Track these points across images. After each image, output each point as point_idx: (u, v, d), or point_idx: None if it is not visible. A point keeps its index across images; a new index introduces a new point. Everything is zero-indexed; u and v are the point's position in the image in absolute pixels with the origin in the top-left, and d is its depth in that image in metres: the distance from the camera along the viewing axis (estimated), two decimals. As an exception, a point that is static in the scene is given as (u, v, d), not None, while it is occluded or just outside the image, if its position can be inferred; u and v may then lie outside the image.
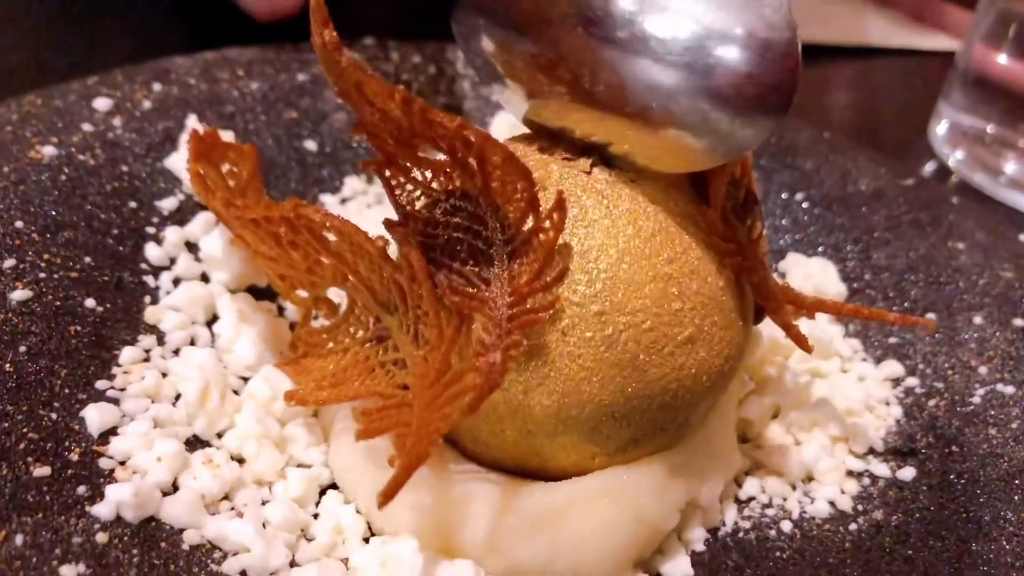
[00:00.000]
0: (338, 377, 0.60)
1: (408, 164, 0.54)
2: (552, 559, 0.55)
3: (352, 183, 0.89)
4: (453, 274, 0.54)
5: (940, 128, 1.19)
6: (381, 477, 0.52)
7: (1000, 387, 0.72)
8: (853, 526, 0.64)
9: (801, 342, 0.63)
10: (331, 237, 0.58)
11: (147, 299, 0.70)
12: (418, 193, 0.55)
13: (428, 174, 0.54)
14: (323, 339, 0.63)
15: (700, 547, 0.62)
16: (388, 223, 0.56)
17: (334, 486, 0.62)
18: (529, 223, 0.52)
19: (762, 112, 0.54)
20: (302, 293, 0.64)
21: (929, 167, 1.16)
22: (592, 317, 0.54)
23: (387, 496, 0.47)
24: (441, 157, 0.53)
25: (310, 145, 0.89)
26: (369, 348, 0.60)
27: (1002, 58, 1.09)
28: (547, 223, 0.52)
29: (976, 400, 0.72)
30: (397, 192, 0.55)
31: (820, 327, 0.79)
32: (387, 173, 0.54)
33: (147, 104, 0.82)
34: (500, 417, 0.56)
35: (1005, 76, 1.10)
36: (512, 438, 0.57)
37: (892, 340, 0.79)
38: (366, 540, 0.59)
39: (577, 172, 0.58)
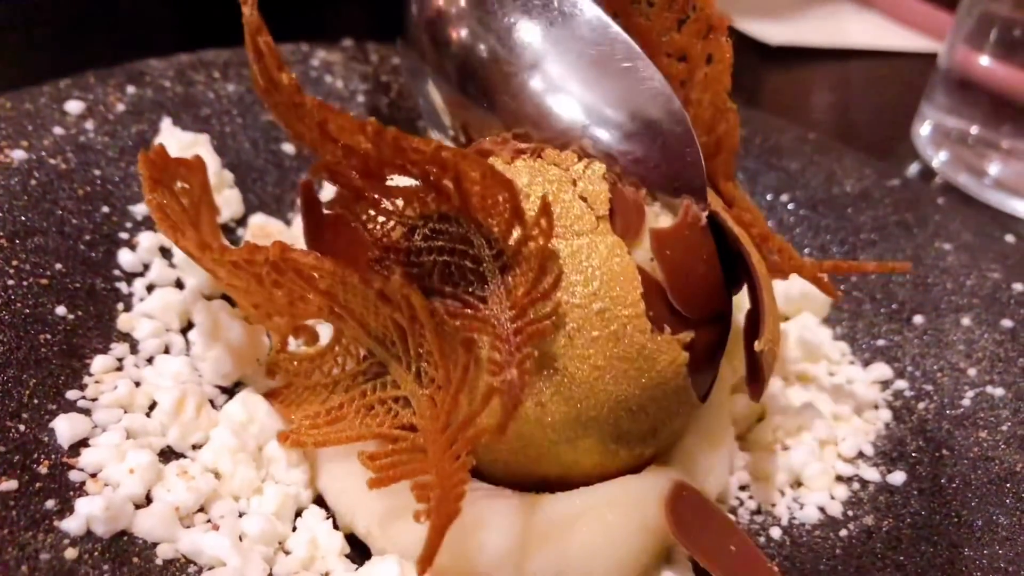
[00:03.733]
0: (333, 414, 0.58)
1: (376, 196, 0.51)
2: (563, 570, 0.54)
3: (330, 186, 0.87)
4: (448, 299, 0.53)
5: (924, 129, 1.19)
6: (380, 500, 0.51)
7: (989, 389, 0.71)
8: (844, 532, 0.63)
9: (828, 291, 0.67)
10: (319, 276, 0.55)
11: (120, 306, 0.68)
12: (392, 224, 0.53)
13: (400, 202, 0.52)
14: (307, 367, 0.61)
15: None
16: (368, 263, 0.54)
17: (310, 508, 0.60)
18: (516, 233, 0.50)
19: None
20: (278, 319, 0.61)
21: (913, 168, 1.16)
22: (595, 316, 0.53)
23: (427, 561, 0.46)
24: (410, 182, 0.50)
25: (287, 148, 0.87)
26: (364, 383, 0.58)
27: (984, 59, 1.09)
28: (535, 230, 0.50)
29: (966, 403, 0.71)
30: (370, 227, 0.53)
31: (810, 330, 0.78)
32: (356, 209, 0.52)
33: (120, 107, 0.80)
34: (520, 435, 0.54)
35: (987, 77, 1.10)
36: (534, 453, 0.55)
37: (880, 343, 0.78)
38: (347, 556, 0.57)
39: (549, 165, 0.57)
